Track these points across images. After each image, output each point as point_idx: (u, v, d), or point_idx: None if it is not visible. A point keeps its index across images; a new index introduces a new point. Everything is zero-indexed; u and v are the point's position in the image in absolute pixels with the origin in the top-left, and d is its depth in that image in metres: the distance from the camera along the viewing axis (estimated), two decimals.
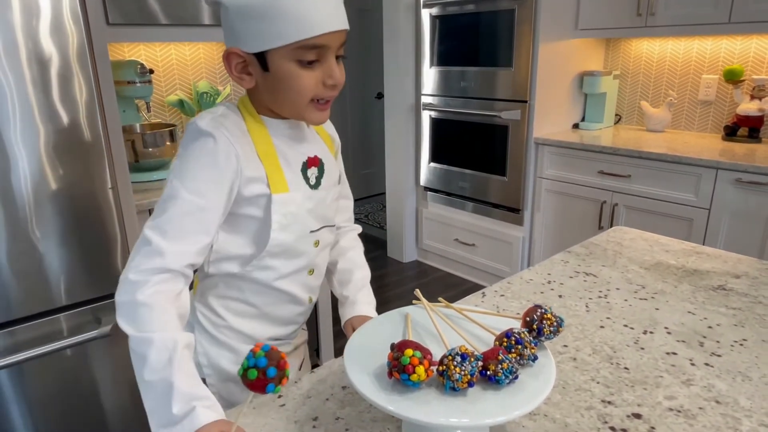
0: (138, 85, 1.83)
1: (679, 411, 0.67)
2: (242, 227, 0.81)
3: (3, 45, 1.16)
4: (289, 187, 0.80)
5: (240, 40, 0.73)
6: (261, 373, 0.53)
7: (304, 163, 0.83)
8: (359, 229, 1.06)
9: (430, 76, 3.03)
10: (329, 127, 0.95)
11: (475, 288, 2.96)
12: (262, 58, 0.74)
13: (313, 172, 0.85)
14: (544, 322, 0.62)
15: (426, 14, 2.96)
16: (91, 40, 1.31)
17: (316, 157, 0.85)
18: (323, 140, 0.91)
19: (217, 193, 0.73)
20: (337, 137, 0.97)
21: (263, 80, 0.76)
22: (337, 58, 0.76)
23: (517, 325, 0.65)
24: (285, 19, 0.69)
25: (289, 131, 0.83)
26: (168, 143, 1.87)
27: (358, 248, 1.03)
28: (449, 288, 3.03)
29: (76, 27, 1.25)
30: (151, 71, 1.89)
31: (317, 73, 0.74)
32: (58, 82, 1.25)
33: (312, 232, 0.85)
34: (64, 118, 1.27)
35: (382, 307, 0.80)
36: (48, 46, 1.22)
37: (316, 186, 0.85)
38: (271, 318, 0.90)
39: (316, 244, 0.87)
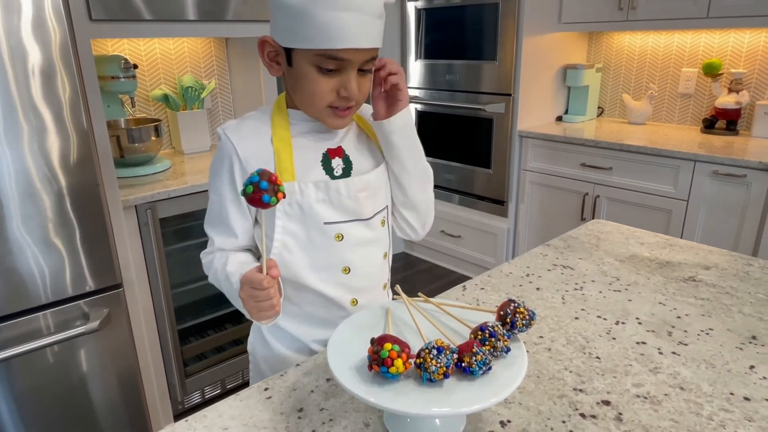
0: (122, 80, 1.83)
1: (645, 397, 0.71)
2: (263, 217, 0.85)
3: None
4: (297, 176, 0.81)
5: (275, 31, 0.78)
6: (255, 187, 0.64)
7: (324, 153, 0.84)
8: None
9: (416, 69, 3.05)
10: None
11: (461, 279, 3.00)
12: (289, 53, 0.78)
13: (338, 162, 0.84)
14: (517, 315, 0.65)
15: (411, 7, 2.96)
16: (74, 36, 1.31)
17: (339, 147, 0.85)
18: (368, 134, 0.91)
19: (228, 186, 0.84)
20: None
21: (288, 74, 0.81)
22: (363, 71, 0.78)
23: (492, 318, 0.68)
24: (313, 24, 0.72)
25: (312, 123, 0.85)
26: (153, 138, 1.87)
27: None
28: (435, 279, 3.07)
29: (59, 23, 1.25)
30: (135, 66, 1.88)
31: (334, 81, 0.77)
32: (42, 79, 1.25)
33: (327, 224, 0.83)
34: (48, 115, 1.28)
35: None
36: (30, 43, 1.22)
37: (342, 176, 0.84)
38: (314, 319, 0.89)
39: (339, 237, 0.84)
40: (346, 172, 0.85)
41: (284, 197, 0.67)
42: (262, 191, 0.65)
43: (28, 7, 1.20)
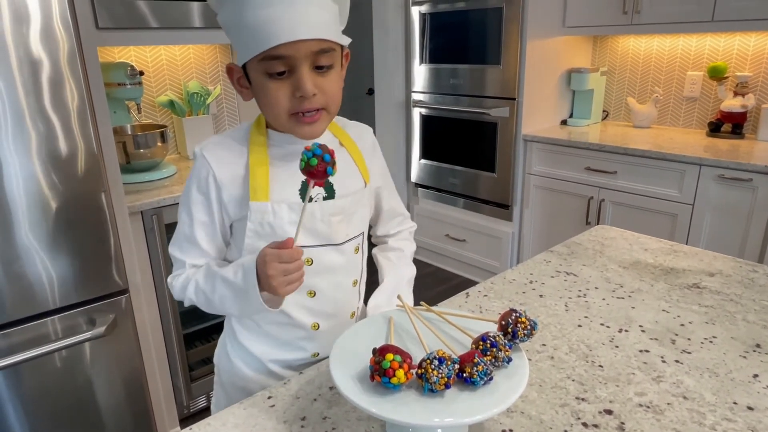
0: (128, 86, 1.85)
1: (648, 407, 0.71)
2: (237, 236, 0.84)
3: None
4: (271, 197, 0.79)
5: (236, 54, 0.77)
6: (320, 159, 0.66)
7: (303, 182, 0.80)
8: (413, 227, 1.04)
9: (420, 73, 3.06)
10: (363, 142, 0.91)
11: (465, 283, 3.00)
12: (246, 72, 0.77)
13: (318, 191, 0.82)
14: (519, 325, 0.65)
15: (415, 11, 2.97)
16: (81, 44, 1.32)
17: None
18: (352, 157, 0.87)
19: (203, 208, 0.82)
20: (378, 153, 0.94)
21: (255, 94, 0.78)
22: (321, 68, 0.74)
23: (493, 328, 0.68)
24: (248, 31, 0.70)
25: (293, 147, 0.81)
26: (159, 144, 1.89)
27: (398, 250, 1.00)
28: (440, 283, 3.07)
29: (66, 32, 1.27)
30: (141, 73, 1.90)
31: (287, 85, 0.73)
32: (49, 87, 1.27)
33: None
34: (56, 122, 1.29)
35: None
36: (38, 52, 1.24)
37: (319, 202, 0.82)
38: (273, 339, 0.88)
39: (308, 262, 0.82)
40: (328, 199, 0.83)
41: (336, 170, 0.69)
42: (326, 163, 0.66)
43: (37, 16, 1.22)
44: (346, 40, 0.77)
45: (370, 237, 0.97)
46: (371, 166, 0.90)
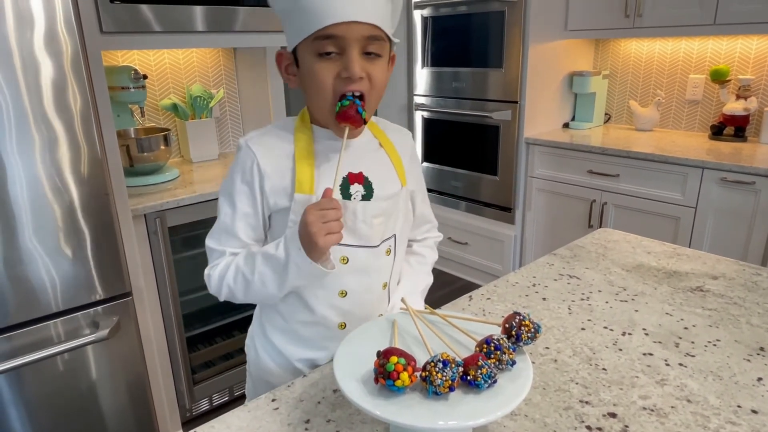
0: (132, 90, 1.86)
1: (652, 410, 0.71)
2: (275, 228, 0.85)
3: None
4: (315, 191, 0.79)
5: (287, 41, 0.80)
6: (351, 103, 0.73)
7: (344, 177, 0.82)
8: (438, 237, 1.06)
9: (422, 76, 3.06)
10: (403, 146, 0.92)
11: (468, 286, 3.00)
12: (296, 56, 0.79)
13: (357, 188, 0.82)
14: (522, 328, 0.65)
15: (417, 15, 2.98)
16: (85, 48, 1.33)
17: (360, 173, 0.83)
18: (390, 158, 0.88)
19: (247, 198, 0.82)
20: (415, 158, 0.95)
21: (301, 79, 0.80)
22: (369, 54, 0.76)
23: (497, 331, 0.68)
24: (303, 13, 0.73)
25: (334, 142, 0.82)
26: (162, 147, 1.89)
27: (420, 256, 1.02)
28: (442, 286, 3.06)
29: (70, 36, 1.28)
30: (145, 76, 1.91)
31: (336, 65, 0.75)
32: (53, 91, 1.27)
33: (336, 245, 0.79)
34: (59, 126, 1.30)
35: None
36: (42, 56, 1.24)
37: (360, 201, 0.83)
38: (299, 336, 0.89)
39: (344, 260, 0.83)
40: (366, 198, 0.83)
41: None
42: (356, 105, 0.72)
43: (41, 20, 1.22)
44: (396, 39, 0.80)
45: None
46: (409, 170, 0.91)
